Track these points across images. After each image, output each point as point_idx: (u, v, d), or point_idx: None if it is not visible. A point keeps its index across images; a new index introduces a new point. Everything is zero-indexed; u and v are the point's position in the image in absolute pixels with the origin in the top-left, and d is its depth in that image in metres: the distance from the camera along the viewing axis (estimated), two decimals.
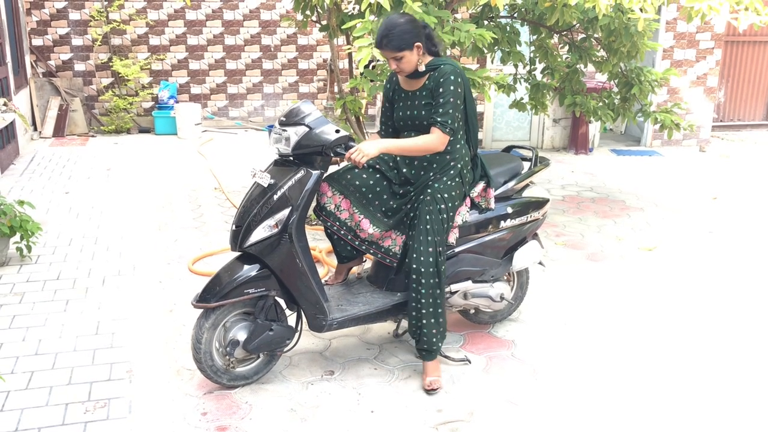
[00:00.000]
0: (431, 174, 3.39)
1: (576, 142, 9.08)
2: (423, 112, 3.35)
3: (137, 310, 4.21)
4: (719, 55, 9.45)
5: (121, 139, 9.64)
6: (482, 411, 3.25)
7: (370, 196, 3.49)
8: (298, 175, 3.23)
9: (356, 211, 3.48)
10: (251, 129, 10.46)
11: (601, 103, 6.33)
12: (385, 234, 3.47)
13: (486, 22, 5.85)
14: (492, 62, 6.13)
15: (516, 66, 6.48)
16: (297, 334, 3.45)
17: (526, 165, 3.87)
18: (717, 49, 9.38)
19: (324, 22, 5.70)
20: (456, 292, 3.59)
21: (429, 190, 3.33)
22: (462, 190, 3.46)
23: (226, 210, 6.36)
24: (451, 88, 3.25)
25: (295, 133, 3.18)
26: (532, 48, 6.63)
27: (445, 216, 3.32)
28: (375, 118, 10.27)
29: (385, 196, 3.49)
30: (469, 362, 3.66)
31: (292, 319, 3.48)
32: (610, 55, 5.98)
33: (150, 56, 10.12)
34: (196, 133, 9.79)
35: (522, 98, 6.93)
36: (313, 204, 3.43)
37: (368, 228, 3.45)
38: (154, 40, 10.14)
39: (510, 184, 3.70)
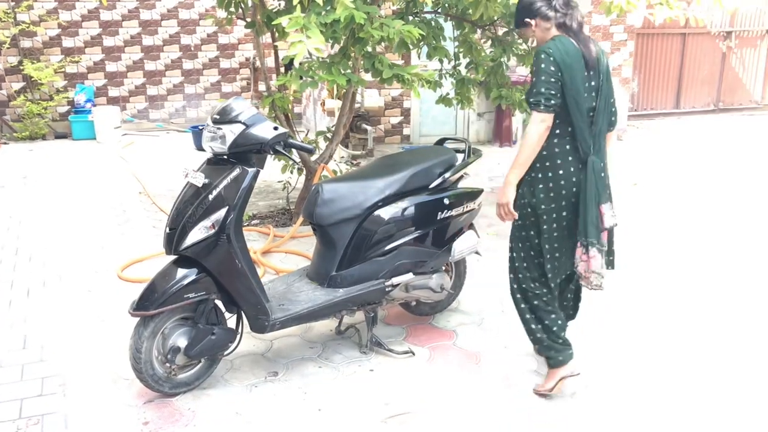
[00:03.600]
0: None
1: (500, 135, 9.26)
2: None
3: (66, 321, 4.04)
4: (632, 46, 9.83)
5: (37, 145, 9.24)
6: (429, 402, 3.27)
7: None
8: (234, 174, 3.16)
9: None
10: (173, 131, 10.21)
11: (524, 96, 6.45)
12: None
13: (411, 18, 5.88)
14: (419, 57, 6.16)
15: (441, 61, 6.53)
16: (238, 337, 3.39)
17: (460, 157, 3.91)
18: (630, 41, 9.75)
19: (249, 19, 5.61)
20: (397, 285, 3.60)
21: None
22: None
23: (152, 214, 6.19)
24: (542, 65, 2.94)
25: (230, 132, 3.11)
26: (456, 43, 6.71)
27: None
28: (302, 116, 10.20)
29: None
30: (413, 354, 3.68)
31: (231, 322, 3.41)
32: (532, 48, 6.11)
33: (64, 59, 9.73)
34: (116, 137, 9.48)
35: (448, 93, 7.00)
36: None
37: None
38: (67, 42, 9.76)
39: (446, 176, 3.73)
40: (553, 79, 2.93)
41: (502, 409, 3.21)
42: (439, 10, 6.16)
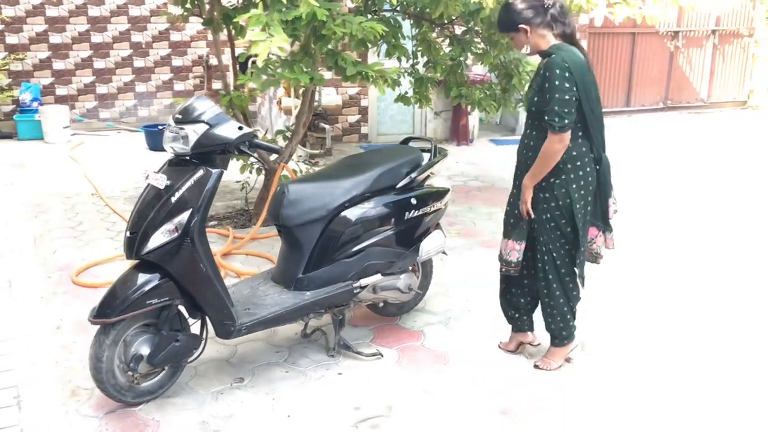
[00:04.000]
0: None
1: (457, 133, 9.28)
2: (536, 99, 3.17)
3: (19, 329, 3.87)
4: (585, 46, 9.96)
5: None
6: (400, 404, 3.23)
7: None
8: (197, 175, 3.07)
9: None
10: (124, 130, 9.95)
11: (483, 95, 6.48)
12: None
13: (369, 16, 5.83)
14: (378, 56, 6.11)
15: (399, 60, 6.51)
16: (203, 343, 3.29)
17: (426, 156, 3.88)
18: (583, 40, 9.88)
19: (206, 16, 5.48)
20: (366, 286, 3.55)
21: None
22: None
23: (106, 216, 6.00)
24: (557, 83, 3.00)
25: (194, 131, 3.02)
26: (415, 42, 6.69)
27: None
28: (257, 115, 10.05)
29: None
30: (382, 356, 3.63)
31: (195, 328, 3.31)
32: (490, 47, 6.13)
33: (7, 56, 9.37)
34: (65, 137, 9.18)
35: (406, 92, 6.98)
36: None
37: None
38: (11, 39, 9.41)
39: (412, 176, 3.70)
40: (567, 96, 3.02)
41: (473, 409, 3.19)
42: (398, 8, 6.13)
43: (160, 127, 7.86)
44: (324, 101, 8.64)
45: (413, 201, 3.64)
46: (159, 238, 3.00)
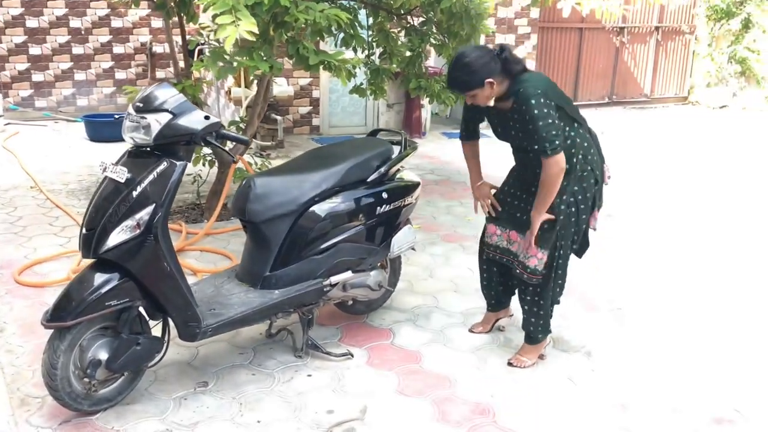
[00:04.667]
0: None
1: (410, 126, 9.18)
2: (520, 134, 3.14)
3: None
4: (535, 40, 10.01)
5: None
6: (374, 406, 3.11)
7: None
8: (161, 168, 2.87)
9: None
10: (62, 120, 9.49)
11: (441, 86, 6.39)
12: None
13: (328, 4, 5.66)
14: (336, 45, 5.94)
15: (355, 50, 6.36)
16: (165, 346, 3.10)
17: (396, 149, 3.76)
18: (533, 34, 9.92)
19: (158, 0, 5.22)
20: (336, 284, 3.41)
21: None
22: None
23: (48, 211, 5.68)
24: (536, 112, 2.97)
25: (156, 121, 2.81)
26: (371, 32, 6.54)
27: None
28: (202, 105, 9.72)
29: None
30: (352, 356, 3.50)
31: (156, 330, 3.11)
32: (449, 38, 6.05)
33: None
34: None
35: (362, 83, 6.84)
36: None
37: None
38: None
39: (382, 170, 3.58)
40: (550, 120, 2.98)
41: (449, 410, 3.09)
42: None
43: (116, 117, 7.51)
44: (275, 92, 8.41)
45: (384, 195, 3.52)
46: (119, 235, 2.79)
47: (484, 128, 3.45)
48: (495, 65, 3.03)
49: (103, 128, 8.18)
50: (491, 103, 3.18)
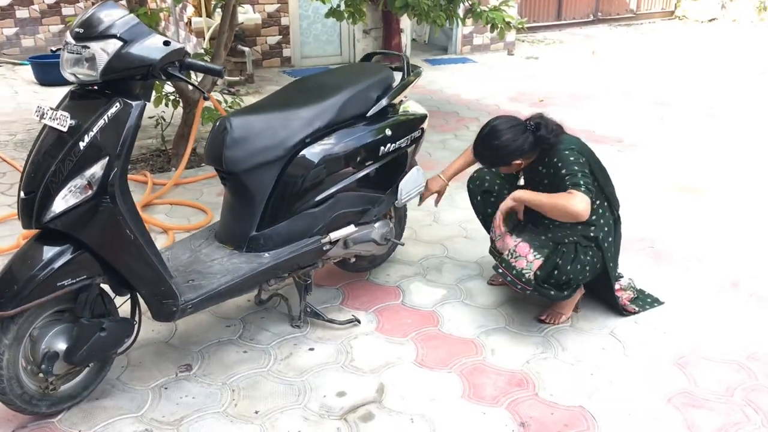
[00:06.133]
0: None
1: (387, 56, 8.49)
2: (549, 188, 2.80)
3: None
4: None
5: None
6: (392, 384, 2.63)
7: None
8: (113, 110, 2.25)
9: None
10: (6, 63, 8.63)
11: (430, 4, 5.73)
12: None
13: None
14: None
15: None
16: (136, 327, 2.56)
17: (397, 76, 3.17)
18: None
19: None
20: (336, 242, 2.87)
21: None
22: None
23: None
24: (572, 158, 2.73)
25: (102, 51, 2.19)
26: None
27: None
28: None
29: None
30: (359, 322, 3.00)
31: (124, 308, 2.57)
32: None
33: None
34: None
35: (339, 6, 6.16)
36: None
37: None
38: None
39: (384, 101, 3.00)
40: (582, 161, 2.75)
41: (480, 382, 2.62)
42: None
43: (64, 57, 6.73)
44: (241, 19, 7.64)
45: (388, 132, 2.95)
46: (67, 199, 2.20)
47: None
48: (527, 144, 2.78)
49: (53, 70, 7.31)
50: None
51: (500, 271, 2.82)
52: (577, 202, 2.62)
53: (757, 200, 4.37)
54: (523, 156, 2.82)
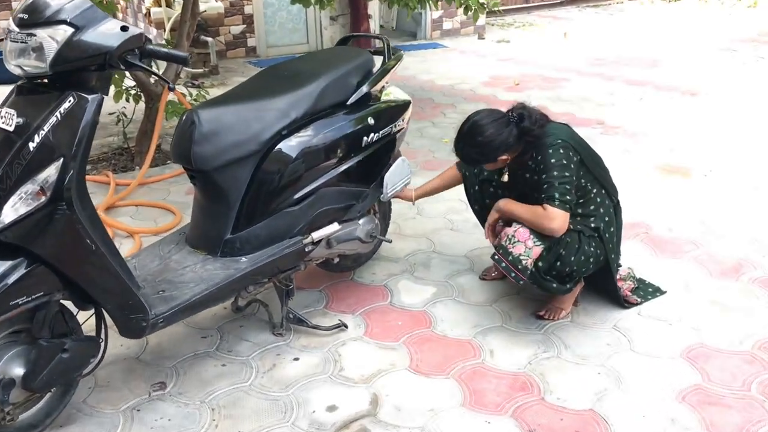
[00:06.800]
0: None
1: (358, 40, 8.24)
2: (531, 180, 2.64)
3: None
4: None
5: None
6: (386, 394, 2.43)
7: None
8: (66, 106, 2.00)
9: None
10: None
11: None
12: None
13: None
14: None
15: None
16: (102, 346, 2.31)
17: (378, 60, 2.96)
18: None
19: None
20: (318, 242, 2.65)
21: None
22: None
23: None
24: (553, 160, 2.54)
25: (51, 38, 1.93)
26: None
27: None
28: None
29: None
30: (346, 327, 2.78)
31: (88, 325, 2.32)
32: None
33: None
34: None
35: None
36: None
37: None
38: None
39: (364, 88, 2.78)
40: (567, 173, 2.54)
41: (481, 387, 2.43)
42: None
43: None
44: (203, 8, 7.33)
45: (371, 121, 2.73)
46: (17, 207, 1.95)
47: None
48: (512, 138, 2.60)
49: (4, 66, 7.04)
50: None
51: (495, 257, 2.64)
52: (551, 220, 2.50)
53: (743, 180, 4.25)
54: (509, 150, 2.63)
